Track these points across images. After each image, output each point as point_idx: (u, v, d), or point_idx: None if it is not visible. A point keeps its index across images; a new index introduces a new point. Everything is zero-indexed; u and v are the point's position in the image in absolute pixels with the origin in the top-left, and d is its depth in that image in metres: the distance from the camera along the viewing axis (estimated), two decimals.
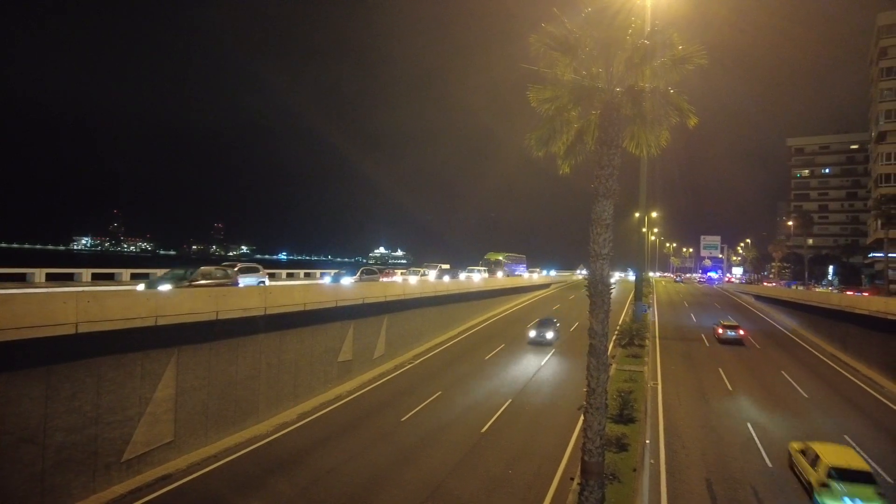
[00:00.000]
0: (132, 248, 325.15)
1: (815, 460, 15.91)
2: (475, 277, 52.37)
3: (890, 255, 62.07)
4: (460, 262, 79.99)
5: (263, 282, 26.33)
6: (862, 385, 29.35)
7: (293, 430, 20.80)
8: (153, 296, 16.57)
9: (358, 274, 35.09)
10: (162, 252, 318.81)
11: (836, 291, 65.02)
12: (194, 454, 17.74)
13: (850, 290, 62.71)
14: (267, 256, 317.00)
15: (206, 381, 18.65)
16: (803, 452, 16.89)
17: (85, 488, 14.42)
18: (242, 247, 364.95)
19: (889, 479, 17.29)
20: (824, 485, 14.93)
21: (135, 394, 16.00)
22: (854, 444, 19.90)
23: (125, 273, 28.57)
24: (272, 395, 21.89)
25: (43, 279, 24.59)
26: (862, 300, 35.12)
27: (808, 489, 15.79)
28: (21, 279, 24.15)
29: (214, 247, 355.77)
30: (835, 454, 15.95)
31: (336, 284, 30.06)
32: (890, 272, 65.42)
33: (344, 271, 36.44)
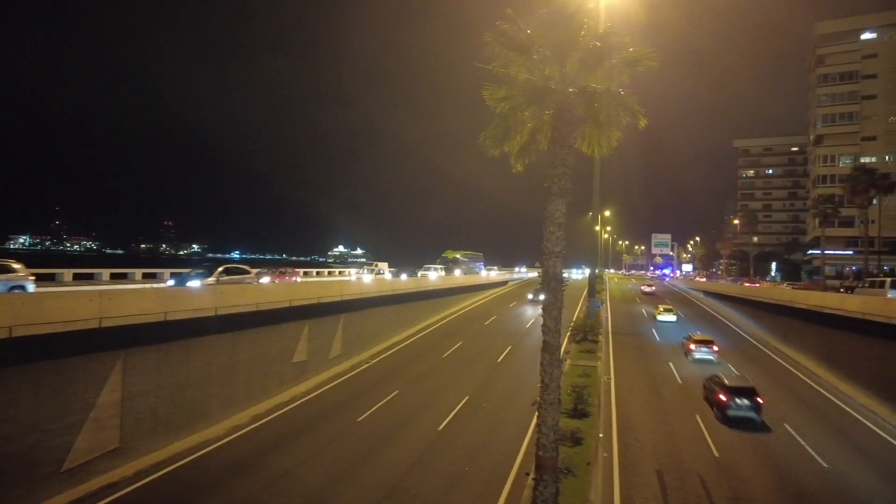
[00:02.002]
0: (76, 246, 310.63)
1: (658, 308, 52.94)
2: (431, 276, 52.08)
3: (826, 252, 65.43)
4: (421, 259, 79.90)
5: (23, 287, 17.42)
6: (801, 375, 30.84)
7: (247, 432, 20.34)
8: (98, 296, 15.90)
9: (215, 275, 24.27)
10: (109, 251, 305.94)
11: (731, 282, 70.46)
12: (142, 460, 17.12)
13: (747, 282, 72.50)
14: (220, 255, 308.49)
15: (154, 384, 18.03)
16: (659, 308, 52.90)
17: (21, 501, 13.71)
18: (194, 245, 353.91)
19: (825, 465, 18.21)
20: (660, 313, 51.13)
21: (77, 399, 15.32)
22: (795, 433, 20.97)
23: None
24: (225, 397, 21.35)
25: None
26: (801, 294, 36.90)
27: (653, 317, 51.71)
28: None
29: (165, 245, 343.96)
30: (663, 305, 54.19)
31: (183, 288, 21.67)
32: (827, 268, 69.01)
33: (202, 270, 25.55)
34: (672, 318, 50.02)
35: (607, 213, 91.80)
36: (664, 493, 16.02)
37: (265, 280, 31.01)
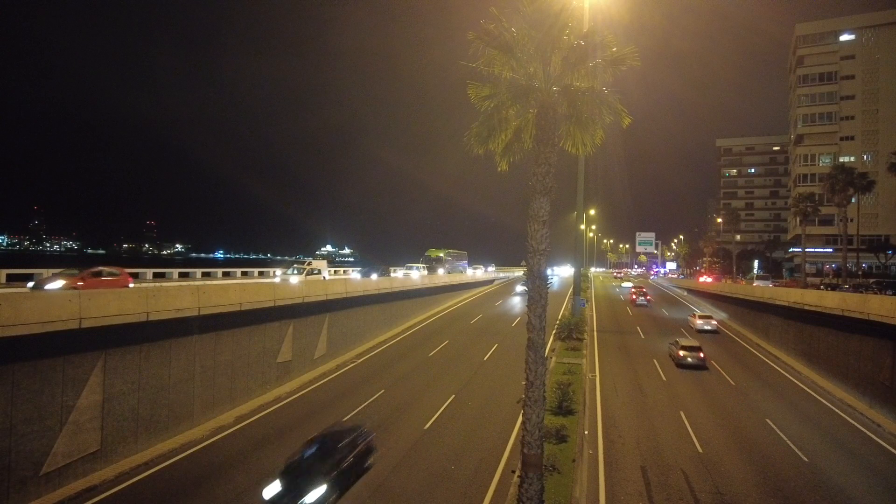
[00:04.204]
0: (56, 246, 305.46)
1: (621, 280, 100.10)
2: (413, 274, 50.66)
3: (807, 249, 66.43)
4: (407, 258, 79.40)
5: None
6: (782, 371, 31.29)
7: (230, 433, 20.15)
8: (77, 297, 15.63)
9: None
10: (90, 251, 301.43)
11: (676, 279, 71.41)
12: (123, 463, 16.89)
13: (700, 276, 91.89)
14: (203, 255, 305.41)
15: (135, 385, 17.78)
16: (622, 280, 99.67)
17: None
18: (177, 245, 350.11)
19: (805, 458, 18.48)
20: (622, 282, 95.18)
21: (55, 402, 15.04)
22: (777, 428, 21.27)
23: None
24: (207, 398, 21.11)
25: None
26: (781, 291, 37.39)
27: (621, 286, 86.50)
28: None
29: (147, 245, 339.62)
30: (623, 278, 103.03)
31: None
32: (807, 266, 70.10)
33: None
34: (629, 283, 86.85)
35: (592, 212, 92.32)
36: (648, 489, 16.15)
37: (55, 286, 19.72)
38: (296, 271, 38.25)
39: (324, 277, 38.30)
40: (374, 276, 43.30)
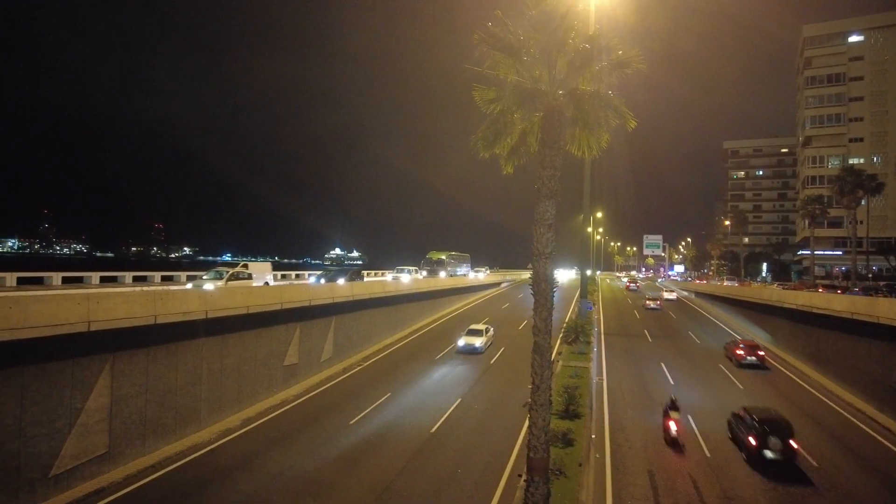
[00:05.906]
0: (66, 250, 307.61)
1: (620, 278, 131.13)
2: (404, 278, 47.85)
3: (816, 252, 66.03)
4: (410, 260, 79.11)
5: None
6: (790, 374, 31.07)
7: (237, 436, 20.20)
8: (86, 299, 15.73)
9: None
10: (99, 254, 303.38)
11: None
12: (131, 465, 16.96)
13: (699, 280, 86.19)
14: (210, 258, 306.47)
15: (143, 388, 17.86)
16: (622, 277, 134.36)
17: None
18: (185, 248, 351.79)
19: (815, 463, 18.33)
20: (620, 280, 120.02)
21: (63, 404, 15.13)
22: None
23: None
24: (214, 401, 21.19)
25: None
26: (789, 294, 37.17)
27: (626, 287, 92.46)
28: None
29: (155, 248, 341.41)
30: (622, 277, 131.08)
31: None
32: (816, 268, 69.66)
33: None
34: (626, 278, 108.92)
35: (598, 215, 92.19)
36: (655, 493, 16.06)
37: None
38: (217, 275, 28.84)
39: (266, 283, 31.39)
40: (340, 281, 37.25)
